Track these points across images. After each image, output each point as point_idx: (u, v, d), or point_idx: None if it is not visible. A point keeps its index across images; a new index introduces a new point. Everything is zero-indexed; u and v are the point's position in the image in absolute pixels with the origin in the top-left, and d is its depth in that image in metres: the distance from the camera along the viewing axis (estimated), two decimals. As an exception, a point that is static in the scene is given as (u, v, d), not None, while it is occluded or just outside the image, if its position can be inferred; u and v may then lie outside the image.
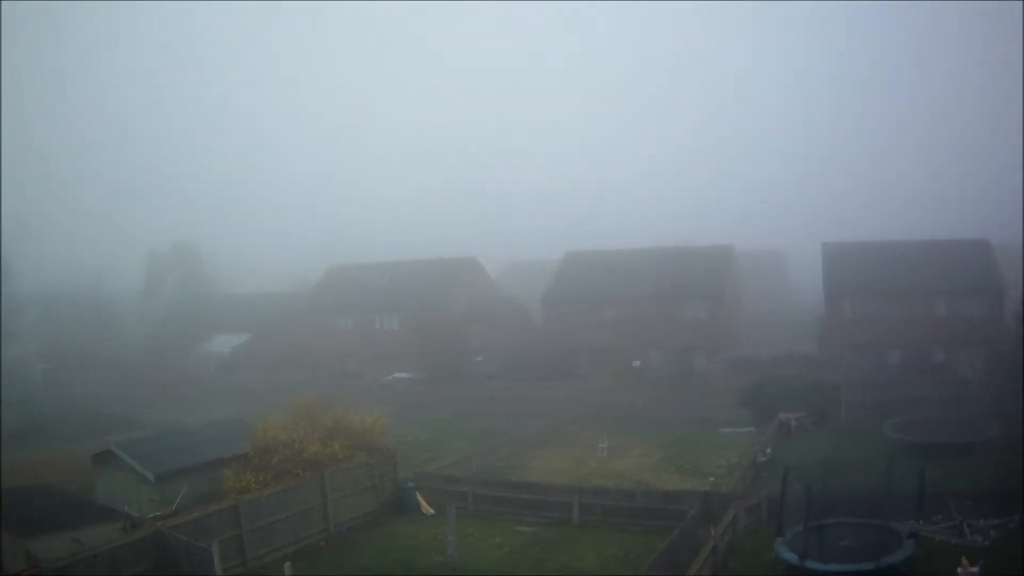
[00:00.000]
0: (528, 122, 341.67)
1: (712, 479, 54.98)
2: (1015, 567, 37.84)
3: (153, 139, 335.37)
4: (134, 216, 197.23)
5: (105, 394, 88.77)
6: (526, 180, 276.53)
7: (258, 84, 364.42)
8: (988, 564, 37.24)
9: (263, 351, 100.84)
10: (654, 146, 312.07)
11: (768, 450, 59.75)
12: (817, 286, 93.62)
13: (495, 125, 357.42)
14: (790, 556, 37.33)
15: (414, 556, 41.72)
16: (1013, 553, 38.96)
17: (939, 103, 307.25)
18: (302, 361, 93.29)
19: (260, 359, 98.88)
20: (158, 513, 41.64)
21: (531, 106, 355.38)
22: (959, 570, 36.60)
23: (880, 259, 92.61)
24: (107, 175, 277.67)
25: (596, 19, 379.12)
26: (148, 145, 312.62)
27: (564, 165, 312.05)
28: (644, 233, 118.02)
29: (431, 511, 47.45)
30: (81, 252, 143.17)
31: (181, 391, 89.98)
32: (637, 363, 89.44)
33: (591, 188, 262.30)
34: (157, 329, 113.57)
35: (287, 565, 38.08)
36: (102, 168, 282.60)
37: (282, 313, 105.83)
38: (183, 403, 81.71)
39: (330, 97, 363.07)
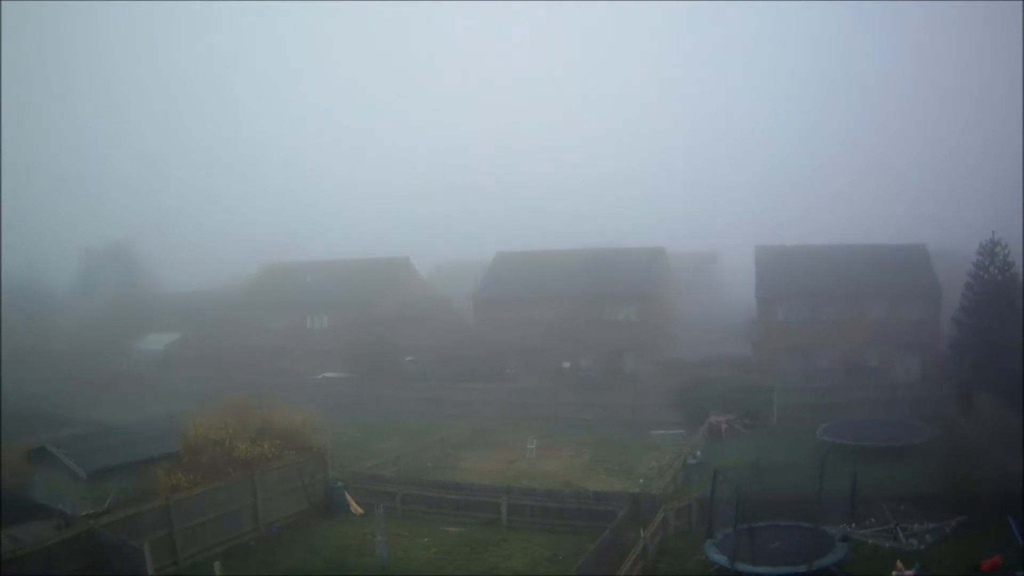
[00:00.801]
0: (474, 123, 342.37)
1: (642, 480, 55.13)
2: (951, 571, 38.16)
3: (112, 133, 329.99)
4: (78, 206, 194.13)
5: (39, 391, 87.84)
6: (458, 179, 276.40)
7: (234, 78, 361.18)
8: (924, 568, 37.71)
9: (196, 349, 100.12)
10: (589, 147, 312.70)
11: (698, 452, 60.08)
12: (751, 289, 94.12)
13: (451, 125, 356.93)
14: (720, 558, 37.57)
15: (344, 556, 41.69)
16: (948, 557, 39.33)
17: (907, 102, 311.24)
18: (235, 360, 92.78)
19: (193, 358, 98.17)
20: (91, 511, 41.24)
21: (479, 107, 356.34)
22: (894, 573, 37.08)
23: (814, 263, 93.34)
24: (49, 164, 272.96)
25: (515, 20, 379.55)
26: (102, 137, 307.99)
27: (498, 165, 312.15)
28: (576, 234, 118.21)
29: (361, 511, 47.39)
30: (19, 243, 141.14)
31: (115, 389, 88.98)
32: (567, 364, 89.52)
33: (524, 188, 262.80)
34: (91, 326, 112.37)
35: (217, 565, 37.73)
36: (43, 157, 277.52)
37: (216, 311, 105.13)
38: (116, 401, 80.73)
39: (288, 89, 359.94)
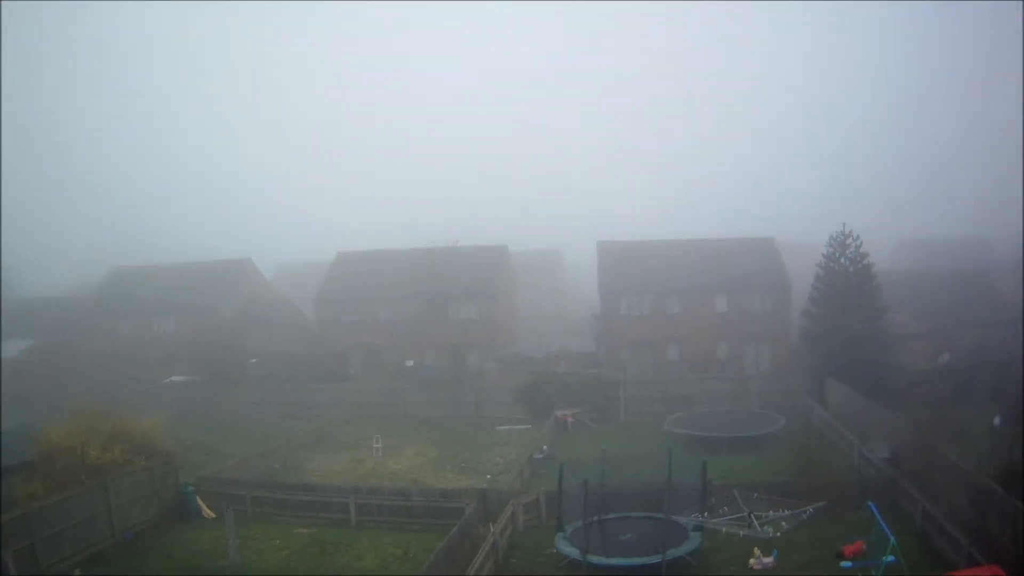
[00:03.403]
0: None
1: (489, 477, 55.85)
2: (811, 557, 39.09)
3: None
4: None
5: None
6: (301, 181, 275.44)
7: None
8: (783, 555, 38.77)
9: (49, 356, 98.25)
10: (440, 144, 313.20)
11: (545, 447, 60.83)
12: (596, 285, 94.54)
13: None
14: (571, 551, 38.03)
15: (198, 560, 41.58)
16: (808, 544, 40.21)
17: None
18: (86, 366, 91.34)
19: (46, 365, 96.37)
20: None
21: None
22: (752, 561, 38.10)
23: (658, 257, 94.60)
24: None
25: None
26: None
27: (344, 163, 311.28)
28: (419, 233, 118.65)
29: (212, 515, 47.23)
30: None
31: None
32: (410, 363, 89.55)
33: (371, 186, 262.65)
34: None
35: (76, 572, 37.76)
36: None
37: (67, 317, 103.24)
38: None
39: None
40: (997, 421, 53.97)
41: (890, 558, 34.98)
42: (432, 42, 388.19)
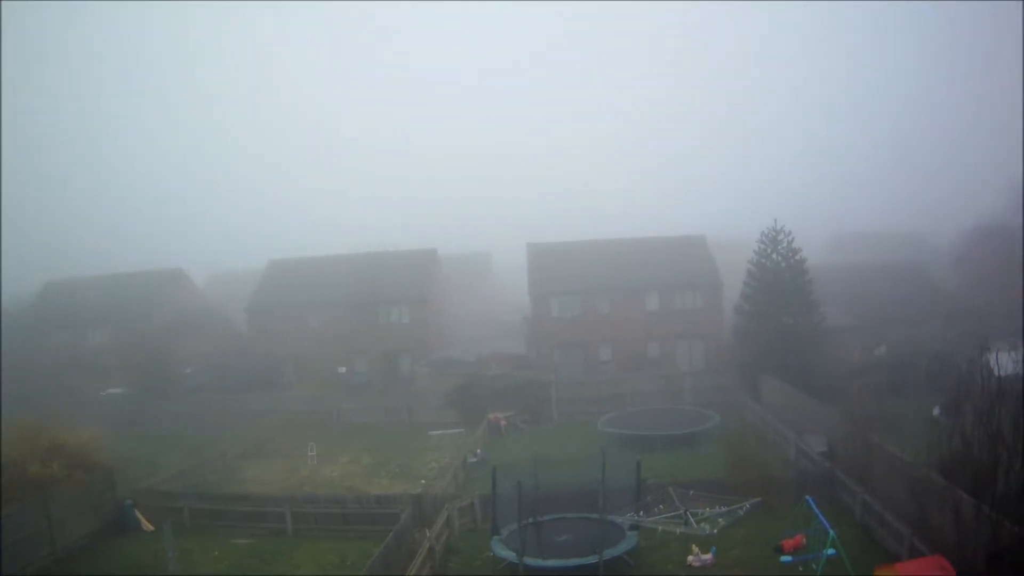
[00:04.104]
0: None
1: (423, 482, 56.20)
2: (747, 553, 39.60)
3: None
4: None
5: None
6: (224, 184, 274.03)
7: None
8: (722, 551, 39.23)
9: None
10: (357, 149, 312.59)
11: (478, 450, 61.33)
12: (525, 287, 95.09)
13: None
14: (507, 554, 38.14)
15: (138, 574, 41.60)
16: (746, 540, 40.80)
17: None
18: (23, 380, 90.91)
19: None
20: None
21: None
22: (690, 558, 38.49)
23: (588, 257, 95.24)
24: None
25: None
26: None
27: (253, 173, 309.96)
28: (349, 239, 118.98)
29: (151, 527, 47.23)
30: None
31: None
32: (343, 369, 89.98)
33: (300, 194, 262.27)
34: None
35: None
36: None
37: (2, 332, 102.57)
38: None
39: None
40: (936, 412, 54.65)
41: (830, 551, 35.34)
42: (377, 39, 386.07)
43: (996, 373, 30.74)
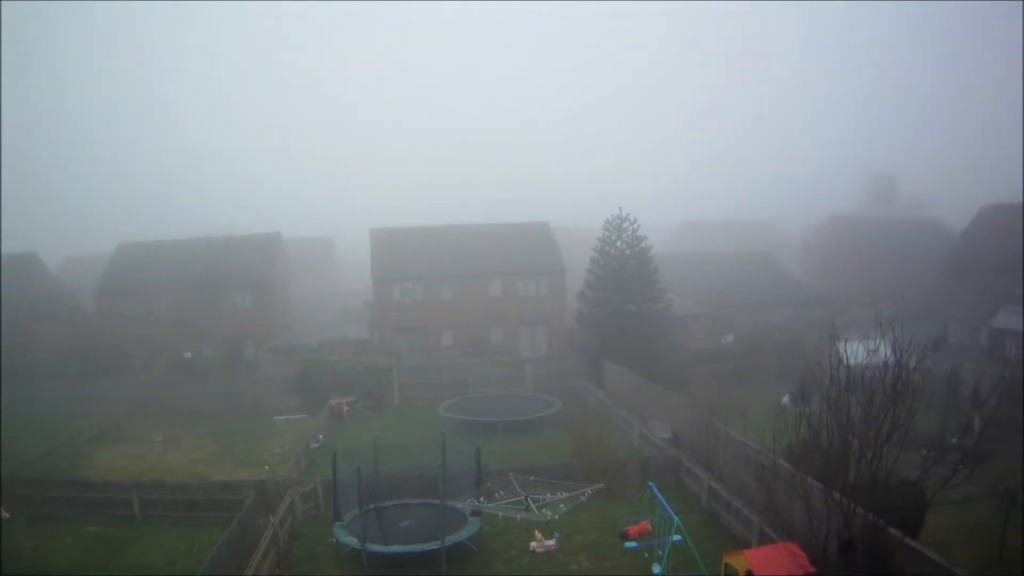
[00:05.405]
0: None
1: (267, 467, 57.07)
2: (591, 539, 41.39)
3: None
4: None
5: None
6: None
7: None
8: (565, 537, 41.02)
9: None
10: (208, 134, 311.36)
11: (320, 435, 62.72)
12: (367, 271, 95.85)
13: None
14: (350, 540, 39.21)
15: (-8, 564, 41.22)
16: (589, 525, 42.74)
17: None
18: None
19: None
20: None
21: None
22: (533, 544, 40.20)
23: (432, 243, 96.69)
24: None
25: None
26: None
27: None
28: (196, 222, 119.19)
29: (7, 515, 46.29)
30: None
31: None
32: (188, 354, 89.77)
33: (145, 178, 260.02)
34: None
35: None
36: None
37: None
38: None
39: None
40: (786, 399, 56.20)
41: (676, 537, 36.23)
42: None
43: (845, 362, 31.87)
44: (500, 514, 40.84)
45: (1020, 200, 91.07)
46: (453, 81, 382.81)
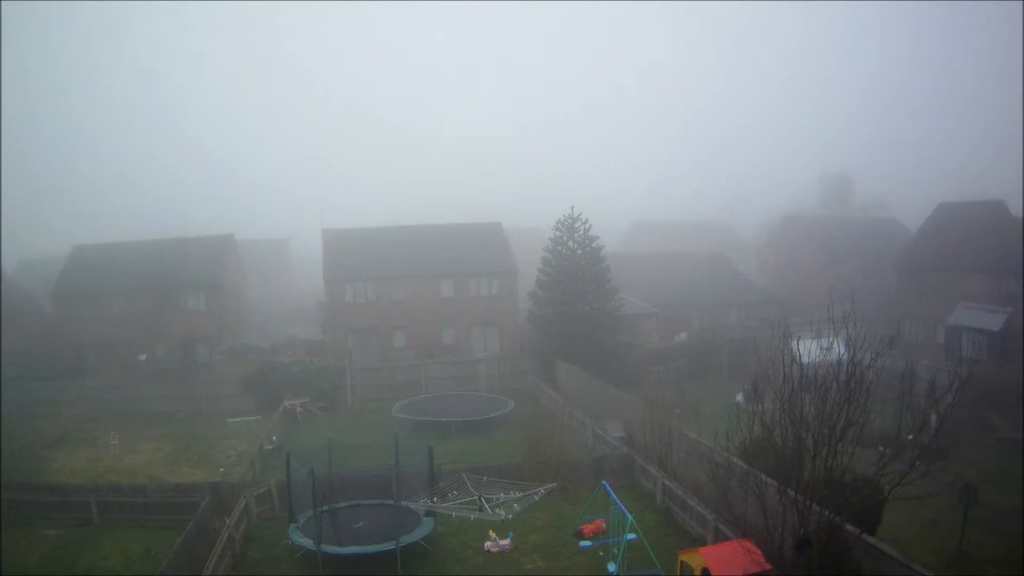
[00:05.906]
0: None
1: (222, 470, 57.05)
2: (545, 538, 41.56)
3: None
4: None
5: None
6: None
7: None
8: (519, 537, 41.15)
9: None
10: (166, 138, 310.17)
11: (274, 437, 62.41)
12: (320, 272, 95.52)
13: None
14: (305, 541, 39.16)
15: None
16: (544, 525, 42.95)
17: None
18: None
19: None
20: None
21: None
22: (487, 544, 40.31)
23: (384, 244, 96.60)
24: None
25: None
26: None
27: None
28: (149, 224, 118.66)
29: None
30: None
31: None
32: (143, 357, 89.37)
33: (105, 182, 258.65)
34: None
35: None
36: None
37: None
38: None
39: None
40: (740, 398, 55.29)
41: (631, 536, 35.95)
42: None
43: (798, 360, 32.15)
44: (454, 514, 40.91)
45: (977, 198, 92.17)
46: (428, 80, 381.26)
